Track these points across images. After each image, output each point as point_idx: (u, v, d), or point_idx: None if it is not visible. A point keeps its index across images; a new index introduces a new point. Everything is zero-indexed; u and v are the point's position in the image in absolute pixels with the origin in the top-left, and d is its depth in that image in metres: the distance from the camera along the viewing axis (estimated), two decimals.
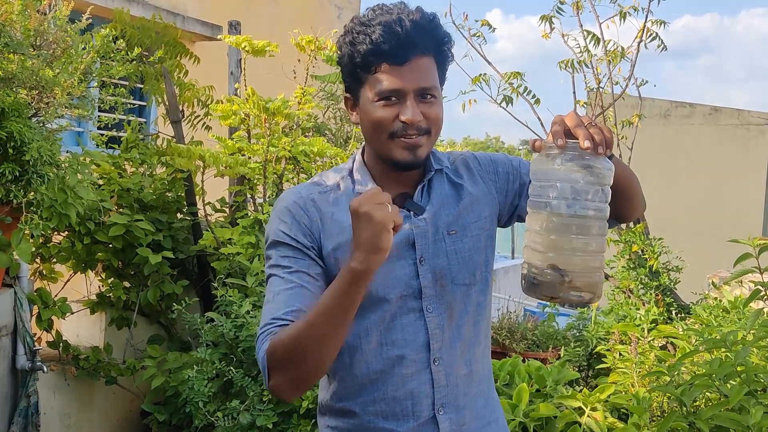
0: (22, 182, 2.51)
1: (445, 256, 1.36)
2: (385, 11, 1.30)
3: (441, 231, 1.37)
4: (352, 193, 1.38)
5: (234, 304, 3.08)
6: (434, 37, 1.32)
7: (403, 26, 1.27)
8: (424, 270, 1.35)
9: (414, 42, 1.28)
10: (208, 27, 6.39)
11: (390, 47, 1.27)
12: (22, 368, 2.90)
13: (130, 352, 3.48)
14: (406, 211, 1.37)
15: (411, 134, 1.30)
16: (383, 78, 1.29)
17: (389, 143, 1.31)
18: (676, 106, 12.82)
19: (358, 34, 1.30)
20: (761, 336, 2.32)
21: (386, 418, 1.36)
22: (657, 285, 3.88)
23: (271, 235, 1.35)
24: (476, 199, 1.42)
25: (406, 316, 1.35)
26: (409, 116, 1.28)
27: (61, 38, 2.77)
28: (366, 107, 1.32)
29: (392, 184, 1.38)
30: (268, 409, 2.85)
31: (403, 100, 1.29)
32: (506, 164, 1.48)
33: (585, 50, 4.37)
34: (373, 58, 1.28)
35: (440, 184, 1.42)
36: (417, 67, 1.29)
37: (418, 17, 1.29)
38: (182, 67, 4.00)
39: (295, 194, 1.38)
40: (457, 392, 1.39)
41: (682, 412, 2.34)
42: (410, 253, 1.35)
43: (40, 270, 3.32)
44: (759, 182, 12.32)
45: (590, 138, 1.14)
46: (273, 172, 3.69)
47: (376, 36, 1.27)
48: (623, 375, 2.78)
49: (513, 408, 2.51)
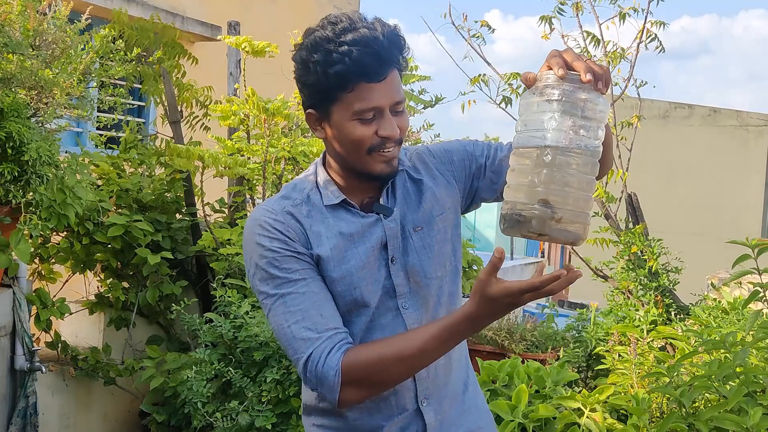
0: (21, 182, 2.51)
1: (414, 252, 1.38)
2: (350, 26, 1.26)
3: (407, 229, 1.39)
4: (321, 206, 1.37)
5: (233, 305, 3.08)
6: (400, 48, 1.32)
7: (380, 43, 1.26)
8: (395, 269, 1.37)
9: (389, 58, 1.28)
10: (207, 27, 6.39)
11: (371, 66, 1.26)
12: (21, 369, 2.89)
13: (128, 352, 3.47)
14: (376, 215, 1.39)
15: (389, 148, 1.32)
16: (362, 97, 1.27)
17: (367, 158, 1.32)
18: (675, 108, 12.84)
19: (330, 53, 1.24)
20: (760, 337, 2.32)
21: (371, 413, 1.38)
22: (656, 286, 3.88)
23: (264, 257, 1.32)
24: (436, 192, 1.43)
25: (384, 316, 1.37)
26: (389, 132, 1.29)
27: (61, 38, 2.77)
28: (341, 125, 1.30)
29: (358, 191, 1.39)
30: (267, 410, 2.85)
31: (380, 115, 1.29)
32: (460, 151, 1.48)
33: (585, 51, 4.37)
34: (352, 77, 1.25)
35: (403, 183, 1.43)
36: (391, 82, 1.29)
37: (389, 31, 1.28)
38: (181, 67, 4.00)
39: (269, 211, 1.35)
40: (438, 382, 1.41)
41: (681, 413, 2.34)
42: (383, 255, 1.37)
43: (38, 270, 3.32)
44: (758, 183, 12.33)
45: (591, 71, 1.13)
46: (272, 172, 3.69)
47: (356, 55, 1.24)
48: (622, 376, 2.78)
49: (512, 409, 2.51)
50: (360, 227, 1.36)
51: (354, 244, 1.35)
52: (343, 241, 1.35)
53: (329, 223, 1.36)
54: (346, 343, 1.28)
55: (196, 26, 6.31)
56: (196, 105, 4.06)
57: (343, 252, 1.34)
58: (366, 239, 1.36)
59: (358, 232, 1.36)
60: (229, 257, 3.35)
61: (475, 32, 4.38)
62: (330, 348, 1.26)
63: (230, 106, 3.57)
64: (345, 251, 1.34)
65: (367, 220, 1.37)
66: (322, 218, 1.36)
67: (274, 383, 2.87)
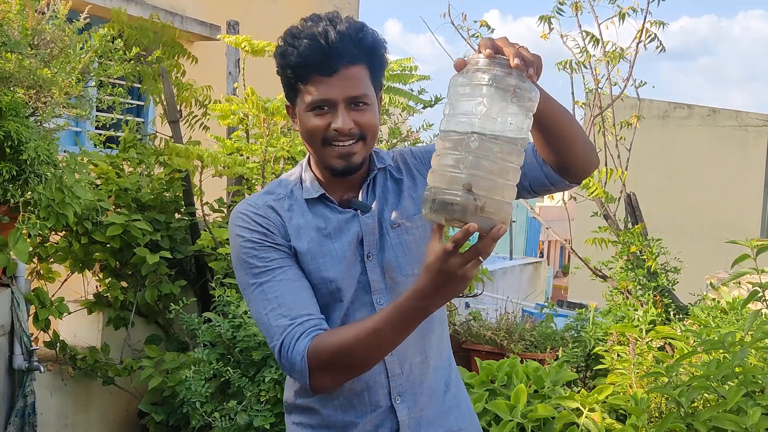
0: (20, 182, 2.51)
1: (391, 249, 1.40)
2: (314, 23, 1.33)
3: (385, 226, 1.41)
4: (302, 201, 1.42)
5: (232, 305, 3.08)
6: (362, 46, 1.34)
7: (328, 38, 1.30)
8: (371, 265, 1.39)
9: (340, 52, 1.31)
10: (206, 27, 6.39)
11: (317, 59, 1.31)
12: (19, 368, 2.89)
13: (127, 352, 3.47)
14: (354, 211, 1.41)
15: (343, 142, 1.34)
16: (313, 89, 1.33)
17: (323, 150, 1.36)
18: (674, 108, 12.84)
19: (288, 47, 1.33)
20: (759, 337, 2.32)
21: (345, 411, 1.40)
22: (655, 286, 3.88)
23: (243, 248, 1.37)
24: (415, 192, 1.45)
25: (359, 311, 1.38)
26: (339, 125, 1.33)
27: (59, 37, 2.77)
28: (301, 116, 1.37)
29: (338, 187, 1.43)
30: (266, 410, 2.85)
31: (334, 109, 1.33)
32: None
33: (584, 51, 4.37)
34: (302, 70, 1.32)
35: (383, 182, 1.46)
36: (346, 76, 1.32)
37: (344, 28, 1.32)
38: (180, 66, 3.99)
39: (251, 205, 1.41)
40: (412, 380, 1.41)
41: (680, 413, 2.34)
42: (359, 250, 1.39)
43: (37, 270, 3.32)
44: (757, 183, 12.34)
45: (520, 56, 1.11)
46: (271, 172, 3.69)
47: (303, 48, 1.31)
48: (621, 376, 2.78)
49: (511, 409, 2.51)
50: (337, 223, 1.40)
51: (330, 239, 1.38)
52: (319, 236, 1.38)
53: (308, 218, 1.40)
54: (316, 329, 1.29)
55: (195, 25, 6.30)
56: (195, 104, 4.05)
57: (320, 246, 1.38)
58: (343, 234, 1.39)
59: (335, 227, 1.39)
60: (228, 257, 3.34)
61: (475, 32, 4.39)
62: (300, 333, 1.28)
63: (229, 105, 3.57)
64: (321, 246, 1.38)
65: (344, 216, 1.41)
66: (302, 212, 1.40)
67: (272, 383, 2.87)
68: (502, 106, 1.11)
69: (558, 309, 4.45)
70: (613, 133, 4.43)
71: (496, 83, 1.11)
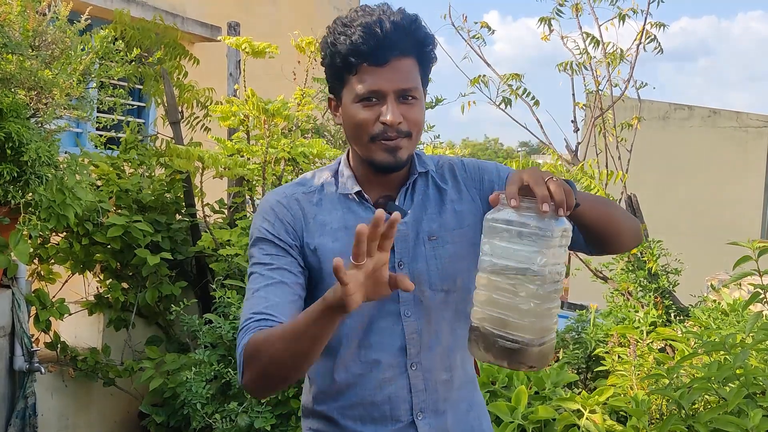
0: (21, 183, 2.51)
1: (424, 261, 1.36)
2: (366, 12, 1.30)
3: (421, 236, 1.36)
4: (335, 195, 1.38)
5: (232, 306, 3.08)
6: (415, 38, 1.31)
7: (383, 27, 1.26)
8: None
9: (393, 43, 1.27)
10: (207, 28, 6.39)
11: (369, 48, 1.26)
12: (20, 369, 2.89)
13: (128, 353, 3.47)
14: (388, 214, 1.36)
15: (391, 136, 1.30)
16: (363, 79, 1.28)
17: (370, 145, 1.31)
18: (675, 109, 12.83)
19: (339, 35, 1.29)
20: (760, 339, 2.32)
21: (364, 422, 1.36)
22: (656, 287, 3.88)
23: (255, 233, 1.36)
24: (459, 206, 1.40)
25: (384, 320, 1.35)
26: (389, 118, 1.28)
27: (60, 39, 2.77)
28: (347, 108, 1.32)
29: (376, 186, 1.38)
30: (266, 411, 2.85)
31: (383, 101, 1.29)
32: (492, 173, 1.45)
33: (584, 52, 4.37)
34: (353, 59, 1.28)
35: (424, 188, 1.41)
36: (397, 68, 1.28)
37: (399, 18, 1.28)
38: (181, 68, 4.00)
39: (278, 194, 1.39)
40: (436, 397, 1.38)
41: (680, 415, 2.33)
42: (390, 257, 1.33)
43: (38, 271, 3.32)
44: (757, 184, 12.33)
45: (549, 199, 1.10)
46: (272, 173, 3.69)
47: (356, 37, 1.27)
48: (622, 377, 2.78)
49: (512, 410, 2.51)
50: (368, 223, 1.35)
51: None
52: (347, 236, 1.33)
53: (337, 215, 1.36)
54: (253, 321, 1.24)
55: (196, 27, 6.31)
56: (196, 106, 4.06)
57: (346, 246, 1.31)
58: None
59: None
60: (228, 258, 3.35)
61: (475, 33, 4.39)
62: (252, 329, 1.23)
63: (230, 106, 3.57)
64: (348, 246, 1.31)
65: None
66: (331, 208, 1.36)
67: None
68: (544, 250, 1.12)
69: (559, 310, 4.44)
70: (614, 135, 4.43)
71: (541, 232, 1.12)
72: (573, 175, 4.08)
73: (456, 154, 5.33)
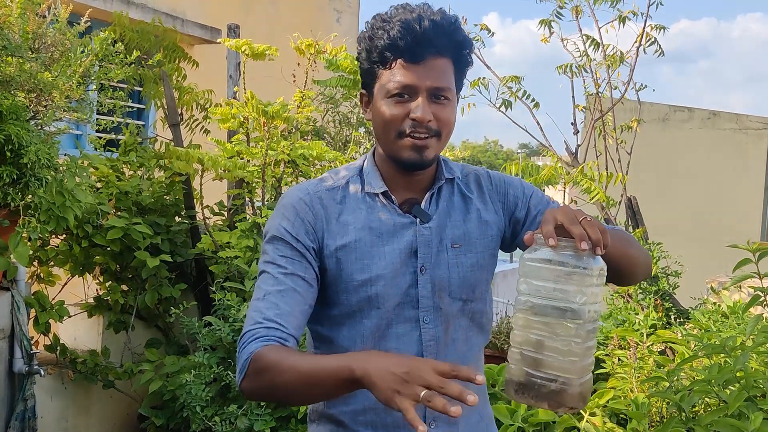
0: (20, 185, 2.51)
1: (446, 268, 1.35)
2: (407, 10, 1.29)
3: (445, 242, 1.35)
4: (360, 194, 1.36)
5: (232, 308, 3.07)
6: (453, 39, 1.30)
7: (422, 24, 1.26)
8: (423, 280, 1.33)
9: (431, 41, 1.27)
10: (207, 30, 6.39)
11: (406, 44, 1.26)
12: (19, 372, 2.88)
13: (127, 355, 3.47)
14: (413, 218, 1.35)
15: (420, 133, 1.28)
16: (397, 73, 1.28)
17: (397, 141, 1.30)
18: (674, 111, 12.83)
19: (377, 30, 1.29)
20: (761, 341, 2.32)
21: (376, 428, 1.34)
22: (656, 290, 3.87)
23: (272, 230, 1.33)
24: (484, 216, 1.40)
25: (402, 326, 1.33)
26: (419, 114, 1.27)
27: (60, 41, 2.77)
28: (378, 103, 1.31)
29: (401, 187, 1.37)
30: (266, 414, 2.84)
31: (414, 97, 1.28)
32: (517, 188, 1.44)
33: (584, 54, 4.37)
34: (389, 53, 1.28)
35: (450, 194, 1.40)
36: (432, 67, 1.28)
37: (439, 18, 1.28)
38: (181, 70, 3.99)
39: (302, 191, 1.36)
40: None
41: (681, 417, 2.33)
42: (411, 261, 1.33)
43: (37, 273, 3.31)
44: (757, 186, 12.33)
45: (587, 238, 1.11)
46: (272, 175, 3.69)
47: (395, 32, 1.26)
48: (622, 380, 2.77)
49: (512, 413, 2.51)
50: (392, 225, 1.34)
51: (382, 241, 1.32)
52: (370, 236, 1.32)
53: (361, 214, 1.34)
54: (276, 338, 1.23)
55: (195, 29, 6.31)
56: (195, 108, 4.05)
57: (369, 247, 1.32)
58: (395, 240, 1.33)
59: (389, 230, 1.33)
60: (228, 260, 3.34)
61: (475, 35, 4.39)
62: (260, 336, 1.23)
63: (230, 109, 3.57)
64: (371, 247, 1.32)
65: (401, 220, 1.34)
66: (355, 207, 1.35)
67: None
68: (580, 289, 1.12)
69: None
70: (614, 137, 4.43)
71: (568, 271, 1.12)
72: (573, 178, 4.08)
73: (455, 155, 5.32)
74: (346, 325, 1.34)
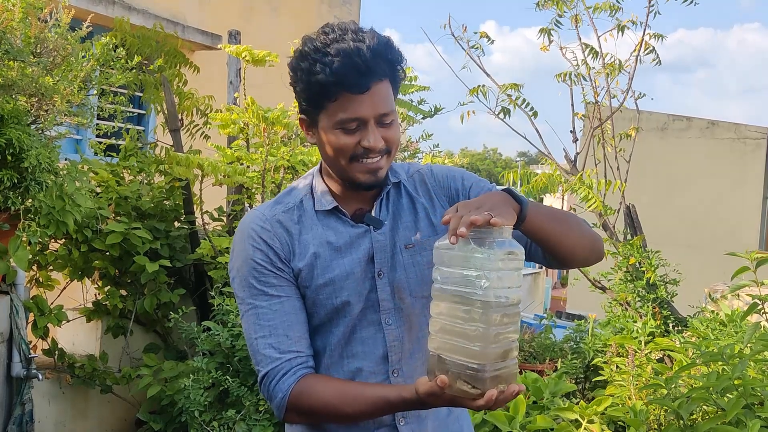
0: (20, 189, 2.51)
1: (403, 269, 1.38)
2: (339, 37, 1.27)
3: (398, 245, 1.39)
4: (312, 212, 1.39)
5: (231, 314, 3.07)
6: (388, 60, 1.31)
7: (362, 55, 1.25)
8: (382, 283, 1.37)
9: (372, 70, 1.27)
10: (207, 36, 6.41)
11: (350, 78, 1.26)
12: (17, 376, 2.88)
13: (125, 360, 3.46)
14: (366, 226, 1.39)
15: (373, 158, 1.32)
16: (344, 107, 1.28)
17: (350, 166, 1.33)
18: (673, 120, 12.88)
19: (315, 62, 1.27)
20: (759, 349, 2.32)
21: (348, 426, 1.38)
22: (654, 298, 3.88)
23: (247, 265, 1.35)
24: (431, 213, 1.43)
25: (366, 329, 1.37)
26: (371, 143, 1.30)
27: (62, 46, 2.78)
28: (326, 133, 1.32)
29: (351, 200, 1.40)
30: (264, 419, 2.84)
31: (364, 126, 1.30)
32: (458, 181, 1.47)
33: (583, 63, 4.39)
34: (333, 87, 1.27)
35: (397, 198, 1.43)
36: (376, 93, 1.29)
37: (375, 43, 1.28)
38: (182, 76, 4.01)
39: (259, 218, 1.38)
40: None
41: (679, 425, 2.33)
42: (370, 267, 1.37)
43: (36, 277, 3.31)
44: (755, 195, 12.36)
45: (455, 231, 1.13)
46: (271, 181, 3.69)
47: (336, 66, 1.25)
48: (620, 387, 2.77)
49: (510, 420, 2.51)
50: (348, 237, 1.38)
51: (341, 254, 1.36)
52: (329, 251, 1.36)
53: (318, 231, 1.37)
54: (303, 368, 1.32)
55: (196, 35, 6.33)
56: (196, 113, 4.06)
57: (329, 261, 1.36)
58: (353, 250, 1.37)
59: (346, 242, 1.37)
60: (227, 266, 3.34)
61: (475, 43, 4.41)
62: (286, 371, 1.30)
63: (230, 114, 3.58)
64: (331, 260, 1.36)
65: (356, 231, 1.38)
66: (312, 225, 1.38)
67: None
68: (482, 274, 1.12)
69: (557, 320, 4.45)
70: (613, 145, 4.45)
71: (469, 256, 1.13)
72: (571, 186, 4.09)
73: (455, 163, 5.34)
74: (319, 335, 1.39)
